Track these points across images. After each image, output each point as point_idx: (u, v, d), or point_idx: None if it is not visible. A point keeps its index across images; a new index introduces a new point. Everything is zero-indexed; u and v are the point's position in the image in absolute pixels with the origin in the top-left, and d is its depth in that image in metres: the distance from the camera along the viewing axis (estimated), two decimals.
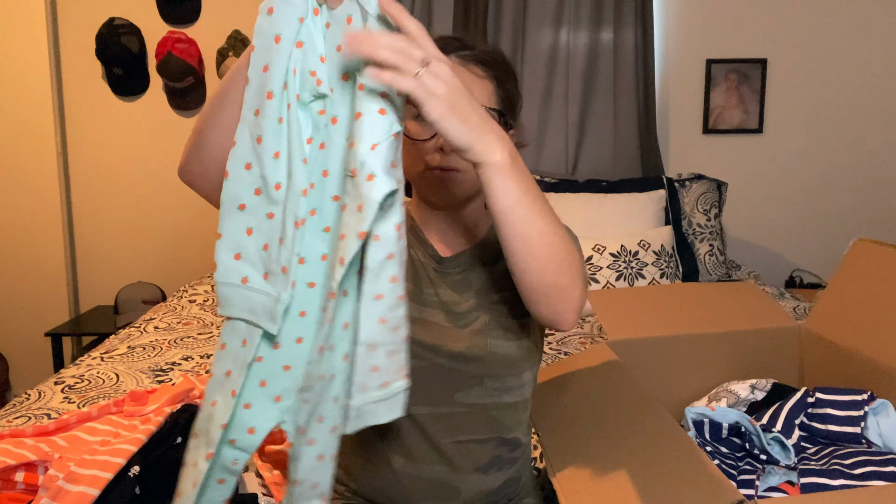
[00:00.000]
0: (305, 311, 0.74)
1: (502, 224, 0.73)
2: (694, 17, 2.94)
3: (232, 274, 0.74)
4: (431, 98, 0.65)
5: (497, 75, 0.96)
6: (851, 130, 3.00)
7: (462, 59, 0.94)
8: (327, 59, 0.70)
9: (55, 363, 2.85)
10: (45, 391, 1.63)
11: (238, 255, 0.74)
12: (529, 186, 0.73)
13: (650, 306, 1.39)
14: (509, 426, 1.01)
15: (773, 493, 0.93)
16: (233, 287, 0.74)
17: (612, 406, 1.01)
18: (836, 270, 1.28)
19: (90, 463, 0.99)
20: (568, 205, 2.61)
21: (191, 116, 3.00)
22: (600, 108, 2.91)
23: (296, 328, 0.74)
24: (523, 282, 0.77)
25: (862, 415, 1.04)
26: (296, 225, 0.71)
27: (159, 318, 2.25)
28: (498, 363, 0.97)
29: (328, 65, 0.70)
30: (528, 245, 0.74)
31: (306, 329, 0.74)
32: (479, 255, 1.02)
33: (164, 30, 2.92)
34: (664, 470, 0.81)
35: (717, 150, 3.03)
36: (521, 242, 0.74)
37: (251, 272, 0.73)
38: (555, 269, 0.76)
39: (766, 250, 3.09)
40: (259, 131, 0.71)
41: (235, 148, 0.73)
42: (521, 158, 0.74)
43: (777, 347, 1.32)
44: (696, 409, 1.09)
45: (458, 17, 2.83)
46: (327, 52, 0.70)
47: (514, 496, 1.05)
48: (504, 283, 0.99)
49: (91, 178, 3.06)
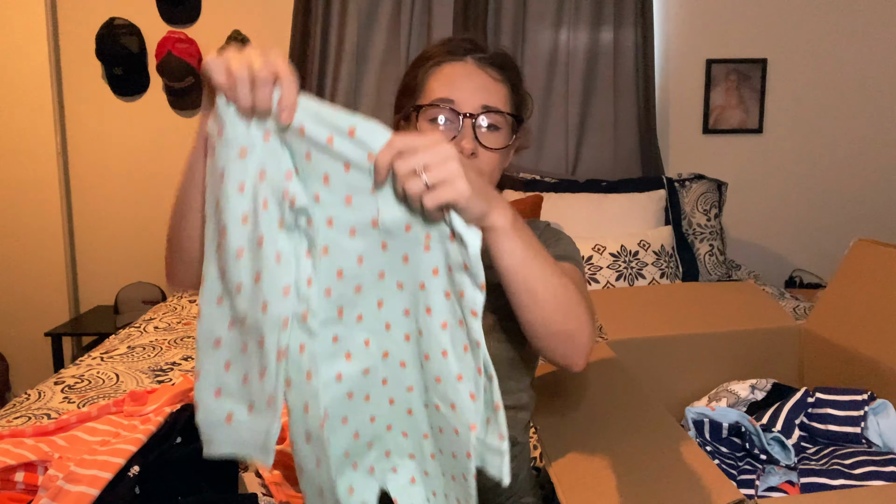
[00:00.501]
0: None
1: (509, 281, 0.76)
2: (694, 17, 2.94)
3: (216, 412, 0.73)
4: (451, 192, 0.65)
5: (511, 79, 0.96)
6: (851, 130, 3.00)
7: (479, 62, 0.94)
8: (300, 168, 0.67)
9: (55, 363, 2.85)
10: (45, 391, 1.63)
11: (219, 391, 0.72)
12: (531, 243, 0.75)
13: (650, 306, 1.39)
14: (508, 426, 1.01)
15: (773, 493, 0.93)
16: (217, 426, 0.73)
17: (612, 406, 1.01)
18: (836, 270, 1.28)
19: (90, 463, 0.98)
20: (568, 205, 2.61)
21: (191, 116, 3.00)
22: (600, 108, 2.91)
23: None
24: (531, 330, 0.80)
25: (862, 415, 1.04)
26: (278, 356, 0.68)
27: (159, 318, 2.25)
28: (499, 366, 0.96)
29: (302, 173, 0.67)
30: (534, 297, 0.76)
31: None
32: (486, 258, 1.02)
33: (164, 30, 2.92)
34: (664, 469, 0.81)
35: (717, 150, 3.03)
36: (527, 296, 0.76)
37: (235, 407, 0.72)
38: (561, 318, 0.78)
39: (766, 250, 3.09)
40: (222, 264, 0.69)
41: (204, 285, 0.71)
42: (520, 216, 0.76)
43: (777, 347, 1.32)
44: (696, 409, 1.09)
45: (458, 17, 2.83)
46: (297, 162, 0.67)
47: (511, 494, 1.04)
48: None
49: (91, 178, 3.06)
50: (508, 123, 0.94)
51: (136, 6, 2.93)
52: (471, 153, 0.92)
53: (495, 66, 0.95)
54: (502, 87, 0.95)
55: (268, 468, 0.68)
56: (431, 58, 0.96)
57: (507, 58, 0.98)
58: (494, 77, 0.94)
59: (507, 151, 0.97)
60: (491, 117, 0.92)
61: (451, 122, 0.92)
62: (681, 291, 1.51)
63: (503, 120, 0.93)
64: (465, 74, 0.93)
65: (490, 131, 0.93)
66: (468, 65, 0.94)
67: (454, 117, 0.92)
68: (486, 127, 0.93)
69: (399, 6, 2.85)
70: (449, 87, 0.93)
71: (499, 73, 0.95)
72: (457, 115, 0.92)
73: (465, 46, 0.95)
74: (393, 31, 2.87)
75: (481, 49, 0.96)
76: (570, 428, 0.96)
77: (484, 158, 0.93)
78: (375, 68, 2.88)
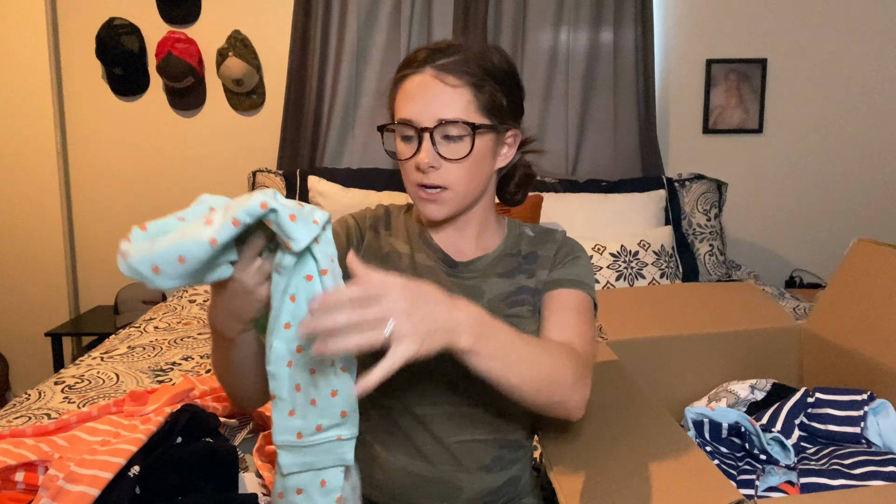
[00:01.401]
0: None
1: (489, 380, 0.79)
2: (694, 17, 2.94)
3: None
4: (401, 353, 0.69)
5: (475, 81, 0.93)
6: (851, 130, 3.00)
7: (437, 71, 0.93)
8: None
9: (55, 363, 2.85)
10: (45, 391, 1.63)
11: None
12: (502, 347, 0.79)
13: (650, 306, 1.39)
14: (511, 429, 1.02)
15: (773, 493, 0.93)
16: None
17: (612, 406, 1.01)
18: (836, 270, 1.28)
19: (90, 463, 0.98)
20: (568, 205, 2.61)
21: (191, 116, 3.00)
22: (600, 108, 2.91)
23: None
24: (523, 405, 0.84)
25: (862, 415, 1.04)
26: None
27: (159, 318, 2.25)
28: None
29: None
30: (517, 390, 0.81)
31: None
32: (495, 267, 1.03)
33: (164, 30, 2.92)
34: (664, 470, 0.81)
35: (717, 150, 3.03)
36: (509, 391, 0.81)
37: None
38: (547, 395, 0.83)
39: (766, 250, 3.09)
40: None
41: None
42: (487, 318, 0.78)
43: (777, 347, 1.32)
44: (696, 409, 1.09)
45: (458, 17, 2.83)
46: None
47: (514, 496, 1.05)
48: (517, 299, 1.01)
49: (91, 178, 3.05)
50: (469, 128, 0.93)
51: (136, 6, 2.93)
52: (429, 166, 0.93)
53: (453, 72, 0.93)
54: (463, 93, 0.93)
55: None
56: (399, 70, 0.97)
57: (480, 59, 0.95)
58: (453, 84, 0.93)
59: (483, 155, 0.96)
60: (448, 129, 0.93)
61: (412, 139, 0.95)
62: (681, 291, 1.51)
63: (463, 128, 0.93)
64: (421, 88, 0.93)
65: (450, 142, 0.94)
66: (425, 76, 0.93)
67: (415, 133, 0.94)
68: (444, 139, 0.93)
69: (399, 6, 2.85)
70: (407, 104, 0.94)
71: (458, 79, 0.93)
72: (416, 131, 0.93)
73: (423, 56, 0.94)
74: (393, 31, 2.87)
75: (443, 53, 0.94)
76: (570, 428, 0.96)
77: (448, 169, 0.94)
78: (375, 68, 2.88)
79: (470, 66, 0.94)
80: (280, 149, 2.89)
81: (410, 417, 0.98)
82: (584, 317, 0.98)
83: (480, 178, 0.98)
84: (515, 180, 1.10)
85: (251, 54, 2.90)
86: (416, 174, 0.95)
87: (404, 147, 0.96)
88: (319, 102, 2.87)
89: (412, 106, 0.93)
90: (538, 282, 1.01)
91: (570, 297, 0.98)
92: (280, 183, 2.71)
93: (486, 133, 0.95)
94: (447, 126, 0.92)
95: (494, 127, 0.96)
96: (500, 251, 1.04)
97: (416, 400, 0.98)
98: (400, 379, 0.98)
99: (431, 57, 0.94)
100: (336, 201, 2.59)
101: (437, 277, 1.01)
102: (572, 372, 0.85)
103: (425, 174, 0.94)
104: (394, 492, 0.99)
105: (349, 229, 1.05)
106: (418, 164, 0.93)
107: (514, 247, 1.05)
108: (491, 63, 0.96)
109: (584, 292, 1.00)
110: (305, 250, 0.71)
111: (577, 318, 0.96)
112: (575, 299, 0.98)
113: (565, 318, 0.96)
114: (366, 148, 2.92)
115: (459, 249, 1.04)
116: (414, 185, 0.97)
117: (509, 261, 1.03)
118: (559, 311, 0.97)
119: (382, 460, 1.00)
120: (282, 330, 0.75)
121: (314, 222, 0.71)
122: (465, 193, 0.97)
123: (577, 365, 0.86)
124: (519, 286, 1.01)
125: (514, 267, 1.03)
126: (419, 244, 1.04)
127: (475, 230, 1.04)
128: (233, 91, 2.94)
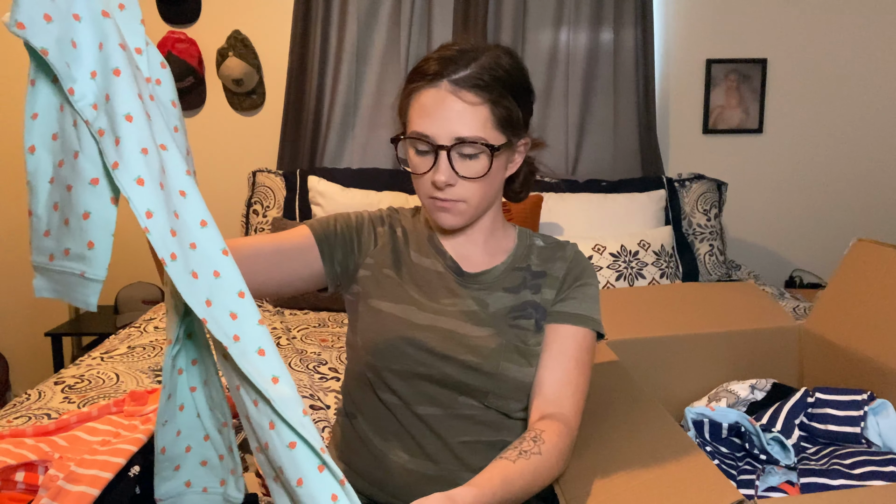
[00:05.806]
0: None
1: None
2: (694, 17, 2.94)
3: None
4: None
5: (492, 98, 0.93)
6: (851, 130, 3.00)
7: (454, 86, 0.92)
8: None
9: (55, 363, 2.85)
10: (45, 391, 1.63)
11: (47, 232, 0.72)
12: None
13: (650, 306, 1.39)
14: (514, 430, 1.02)
15: (773, 493, 0.93)
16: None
17: (612, 406, 1.01)
18: (836, 270, 1.28)
19: (90, 463, 0.98)
20: (568, 205, 2.61)
21: (191, 116, 3.00)
22: (600, 108, 2.91)
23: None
24: None
25: (862, 415, 1.04)
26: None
27: (159, 318, 2.25)
28: (506, 385, 0.98)
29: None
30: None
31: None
32: (503, 280, 1.04)
33: (164, 30, 2.92)
34: (664, 470, 0.81)
35: (717, 150, 3.03)
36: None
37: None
38: (537, 491, 0.86)
39: (766, 250, 3.09)
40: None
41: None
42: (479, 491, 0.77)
43: (777, 347, 1.32)
44: (696, 409, 1.09)
45: (458, 17, 2.83)
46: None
47: None
48: (523, 313, 1.01)
49: None
50: (487, 149, 0.93)
51: None
52: (446, 185, 0.94)
53: (472, 88, 0.92)
54: (481, 110, 0.92)
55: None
56: (413, 81, 0.96)
57: (494, 70, 0.93)
58: (471, 101, 0.92)
59: (498, 169, 0.97)
60: (465, 147, 0.93)
61: (428, 154, 0.95)
62: (681, 291, 1.51)
63: (480, 147, 0.93)
64: (438, 104, 0.92)
65: (467, 160, 0.94)
66: (441, 91, 0.92)
67: (431, 149, 0.94)
68: (461, 157, 0.93)
69: (399, 6, 2.85)
70: (424, 119, 0.93)
71: (476, 95, 0.92)
72: (433, 147, 0.93)
73: (436, 68, 0.93)
74: (393, 31, 2.87)
75: (456, 64, 0.93)
76: None
77: (465, 185, 0.95)
78: (375, 68, 2.88)
79: (485, 78, 0.92)
80: (280, 149, 2.89)
81: (414, 417, 0.99)
82: (583, 366, 0.98)
83: (494, 188, 1.00)
84: (520, 179, 1.10)
85: (251, 54, 2.90)
86: (430, 188, 0.96)
87: (418, 160, 0.96)
88: (319, 103, 2.87)
89: (429, 122, 0.93)
90: (544, 300, 1.02)
91: (573, 339, 0.99)
92: (280, 183, 2.71)
93: (503, 151, 0.96)
94: (464, 145, 0.92)
95: (510, 142, 0.97)
96: (509, 264, 1.05)
97: (419, 400, 0.98)
98: (403, 379, 0.98)
99: (446, 69, 0.92)
100: (336, 201, 2.59)
101: (446, 283, 1.02)
102: (560, 466, 0.88)
103: (441, 190, 0.95)
104: (396, 490, 1.00)
105: (361, 220, 1.07)
106: (435, 182, 0.94)
107: (524, 260, 1.06)
108: (504, 71, 0.94)
109: (588, 329, 1.00)
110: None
111: (576, 369, 0.97)
112: (577, 344, 0.99)
113: (562, 368, 0.97)
114: (366, 148, 2.92)
115: (467, 255, 1.05)
116: (426, 196, 0.98)
117: (516, 275, 1.04)
118: (559, 357, 0.98)
119: (384, 459, 1.00)
120: (49, 140, 0.70)
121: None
122: (480, 205, 0.99)
123: (564, 451, 0.89)
124: (524, 301, 1.02)
125: (520, 282, 1.03)
126: (428, 249, 1.05)
127: (483, 236, 1.05)
128: (233, 91, 2.94)
